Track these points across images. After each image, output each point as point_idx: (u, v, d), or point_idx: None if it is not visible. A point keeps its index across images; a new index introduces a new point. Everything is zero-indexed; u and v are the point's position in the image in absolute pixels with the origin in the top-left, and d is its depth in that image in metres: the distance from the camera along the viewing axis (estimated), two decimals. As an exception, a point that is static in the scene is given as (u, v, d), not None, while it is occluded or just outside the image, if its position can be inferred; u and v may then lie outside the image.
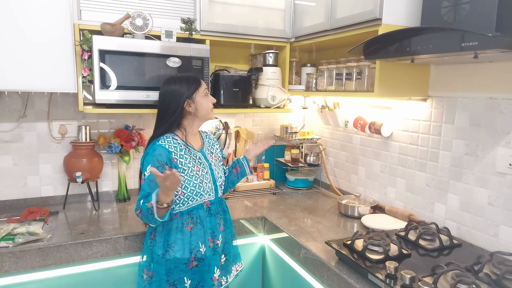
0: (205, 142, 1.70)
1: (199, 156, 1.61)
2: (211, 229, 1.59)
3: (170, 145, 1.52)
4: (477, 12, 1.26)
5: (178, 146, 1.54)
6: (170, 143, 1.53)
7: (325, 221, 1.95)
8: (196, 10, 2.05)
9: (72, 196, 2.18)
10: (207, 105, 1.61)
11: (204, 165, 1.60)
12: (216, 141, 1.78)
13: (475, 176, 1.59)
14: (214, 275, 1.56)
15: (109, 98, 1.82)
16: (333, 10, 1.90)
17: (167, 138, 1.54)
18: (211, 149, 1.71)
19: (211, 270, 1.55)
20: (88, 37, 1.79)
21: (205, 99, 1.61)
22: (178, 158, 1.52)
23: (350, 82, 1.93)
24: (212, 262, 1.56)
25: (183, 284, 1.52)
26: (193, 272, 1.53)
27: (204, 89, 1.61)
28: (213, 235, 1.59)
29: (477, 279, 1.20)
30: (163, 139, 1.53)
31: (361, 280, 1.32)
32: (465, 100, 1.63)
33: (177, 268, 1.51)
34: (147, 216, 1.42)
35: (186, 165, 1.53)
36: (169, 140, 1.54)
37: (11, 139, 2.06)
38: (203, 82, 1.63)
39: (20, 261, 1.55)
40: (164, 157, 1.48)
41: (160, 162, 1.47)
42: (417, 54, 1.36)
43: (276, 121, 2.75)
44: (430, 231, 1.59)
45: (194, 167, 1.55)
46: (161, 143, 1.51)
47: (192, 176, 1.53)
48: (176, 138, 1.57)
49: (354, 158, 2.31)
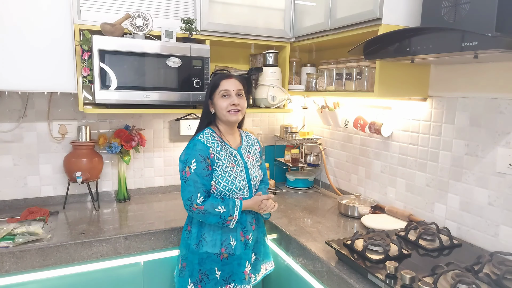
0: (243, 142, 1.72)
1: (235, 154, 1.63)
2: (243, 224, 1.62)
3: (208, 140, 1.57)
4: (477, 12, 1.26)
5: (215, 142, 1.59)
6: (208, 138, 1.58)
7: (325, 221, 1.95)
8: (196, 10, 2.05)
9: (72, 196, 2.18)
10: (221, 107, 1.59)
11: (239, 163, 1.63)
12: (256, 142, 1.79)
13: (475, 176, 1.59)
14: (246, 269, 1.60)
15: (109, 98, 1.82)
16: (333, 10, 1.90)
17: (206, 134, 1.60)
18: (249, 149, 1.72)
19: (243, 263, 1.60)
20: (88, 37, 1.79)
21: (221, 100, 1.59)
22: (215, 154, 1.56)
23: (350, 82, 1.93)
24: (244, 256, 1.61)
25: (214, 275, 1.57)
26: (224, 263, 1.58)
27: (221, 90, 1.59)
28: (244, 230, 1.62)
29: (477, 279, 1.20)
30: (202, 134, 1.59)
31: (361, 280, 1.32)
32: (465, 100, 1.63)
33: (209, 258, 1.56)
34: (214, 219, 1.51)
35: (221, 161, 1.57)
36: (208, 136, 1.59)
37: (11, 139, 2.06)
38: (223, 83, 1.59)
39: (20, 261, 1.55)
40: (203, 152, 1.54)
41: (202, 157, 1.53)
42: (417, 54, 1.36)
43: (276, 121, 2.75)
44: (430, 231, 1.59)
45: (229, 164, 1.58)
46: (200, 139, 1.57)
47: (226, 172, 1.56)
48: (214, 134, 1.61)
49: (354, 158, 2.31)
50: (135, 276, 1.77)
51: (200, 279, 1.57)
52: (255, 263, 1.72)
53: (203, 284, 1.57)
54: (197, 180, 1.51)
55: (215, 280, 1.57)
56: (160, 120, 2.38)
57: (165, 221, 1.91)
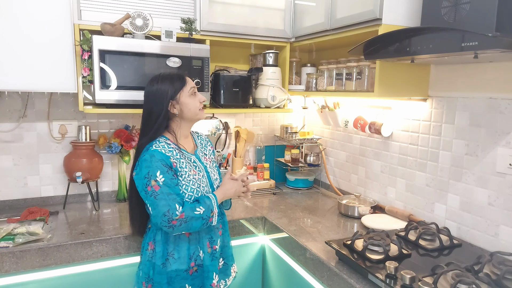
0: (197, 144, 1.63)
1: (193, 159, 1.53)
2: (209, 234, 1.54)
3: (165, 149, 1.43)
4: (477, 12, 1.26)
5: (173, 150, 1.45)
6: (164, 147, 1.43)
7: (325, 221, 1.95)
8: (196, 10, 2.05)
9: (72, 196, 2.18)
10: (194, 105, 1.50)
11: (200, 168, 1.53)
12: (208, 141, 1.71)
13: (475, 176, 1.59)
14: (213, 281, 1.53)
15: (109, 98, 1.82)
16: (333, 10, 1.90)
17: (160, 142, 1.45)
18: (204, 150, 1.64)
19: (210, 276, 1.52)
20: (88, 37, 1.79)
21: (191, 98, 1.49)
22: (177, 162, 1.44)
23: (350, 82, 1.93)
24: (211, 268, 1.53)
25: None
26: (193, 277, 1.51)
27: (190, 88, 1.49)
28: (211, 240, 1.55)
29: (477, 279, 1.20)
30: (156, 143, 1.44)
31: (361, 280, 1.32)
32: (465, 100, 1.63)
33: (178, 276, 1.47)
34: (197, 222, 1.39)
35: (183, 170, 1.45)
36: (162, 144, 1.44)
37: (11, 139, 2.06)
38: (189, 80, 1.52)
39: (20, 261, 1.55)
40: (165, 162, 1.40)
41: (166, 166, 1.39)
42: (417, 54, 1.36)
43: (276, 121, 2.75)
44: (430, 231, 1.59)
45: (190, 171, 1.47)
46: (156, 148, 1.41)
47: (189, 181, 1.45)
48: (168, 142, 1.47)
49: (354, 158, 2.31)
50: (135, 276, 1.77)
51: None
52: (224, 268, 1.64)
53: None
54: (170, 192, 1.36)
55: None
56: (160, 120, 2.38)
57: (165, 221, 1.91)
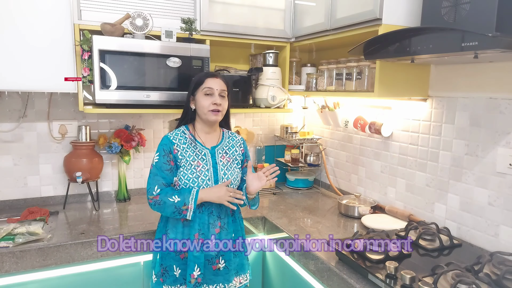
0: (223, 142, 1.67)
1: (205, 152, 1.60)
2: (199, 226, 1.55)
3: (176, 137, 1.60)
4: (477, 12, 1.26)
5: (183, 139, 1.60)
6: (176, 135, 1.61)
7: (325, 221, 1.95)
8: (196, 10, 2.05)
9: (72, 196, 2.18)
10: (202, 104, 1.57)
11: (207, 163, 1.58)
12: (240, 144, 1.72)
13: (475, 176, 1.59)
14: (193, 273, 1.53)
15: (109, 98, 1.82)
16: (333, 10, 1.90)
17: (177, 131, 1.63)
18: (228, 150, 1.66)
19: (191, 266, 1.53)
20: (88, 37, 1.79)
21: (203, 98, 1.57)
22: (180, 150, 1.57)
23: (350, 82, 1.93)
24: (193, 259, 1.53)
25: (173, 272, 1.57)
26: (184, 262, 1.56)
27: (204, 87, 1.56)
28: (200, 232, 1.55)
29: (477, 279, 1.20)
30: (173, 131, 1.63)
31: (361, 280, 1.32)
32: (465, 100, 1.63)
33: (168, 255, 1.57)
34: (169, 209, 1.50)
35: (185, 158, 1.57)
36: (178, 133, 1.62)
37: (11, 139, 2.06)
38: (208, 81, 1.58)
39: (20, 261, 1.55)
40: (167, 147, 1.57)
41: (165, 151, 1.57)
42: (417, 54, 1.36)
43: (276, 121, 2.75)
44: (430, 231, 1.59)
45: (193, 162, 1.57)
46: (168, 135, 1.61)
47: (188, 170, 1.56)
48: (185, 132, 1.63)
49: (354, 158, 2.31)
50: (135, 276, 1.77)
51: (162, 273, 1.58)
52: (224, 272, 1.58)
53: (164, 278, 1.58)
54: (156, 173, 1.55)
55: (174, 277, 1.57)
56: (160, 120, 2.38)
57: (165, 221, 1.91)
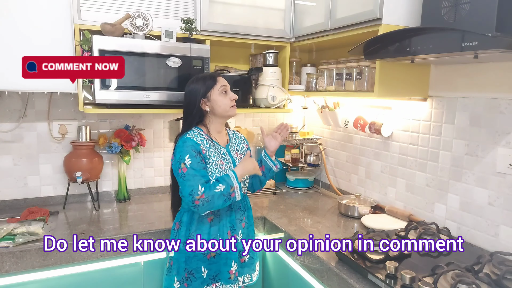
0: (231, 140, 1.73)
1: (223, 151, 1.64)
2: (230, 223, 1.61)
3: (197, 138, 1.57)
4: (477, 12, 1.26)
5: (204, 140, 1.59)
6: (197, 136, 1.58)
7: (325, 221, 1.95)
8: (196, 10, 2.05)
9: (72, 196, 2.18)
10: (224, 103, 1.61)
11: (228, 161, 1.63)
12: (243, 140, 1.80)
13: (475, 176, 1.59)
14: (231, 269, 1.58)
15: (109, 98, 1.82)
16: (333, 10, 1.90)
17: (194, 132, 1.60)
18: (237, 146, 1.73)
19: (229, 263, 1.58)
20: (88, 37, 1.79)
21: (221, 96, 1.61)
22: (206, 150, 1.56)
23: (350, 82, 1.93)
24: (230, 255, 1.59)
25: (200, 273, 1.57)
26: (210, 262, 1.57)
27: (220, 86, 1.61)
28: (232, 229, 1.61)
29: (477, 279, 1.20)
30: (190, 133, 1.59)
31: (361, 280, 1.32)
32: (465, 100, 1.63)
33: (195, 257, 1.56)
34: (219, 200, 1.46)
35: (211, 158, 1.57)
36: (196, 134, 1.59)
37: (11, 139, 2.06)
38: (220, 79, 1.63)
39: (20, 261, 1.55)
40: (195, 147, 1.54)
41: (195, 151, 1.53)
42: (417, 54, 1.36)
43: (276, 121, 2.75)
44: (430, 231, 1.59)
45: (218, 161, 1.58)
46: (189, 136, 1.57)
47: (215, 169, 1.56)
48: (202, 133, 1.61)
49: (354, 158, 2.31)
50: (135, 276, 1.77)
51: (186, 278, 1.56)
52: (250, 262, 1.69)
53: (189, 282, 1.56)
54: (195, 174, 1.49)
55: (201, 279, 1.57)
56: (160, 120, 2.38)
57: (165, 221, 1.91)
